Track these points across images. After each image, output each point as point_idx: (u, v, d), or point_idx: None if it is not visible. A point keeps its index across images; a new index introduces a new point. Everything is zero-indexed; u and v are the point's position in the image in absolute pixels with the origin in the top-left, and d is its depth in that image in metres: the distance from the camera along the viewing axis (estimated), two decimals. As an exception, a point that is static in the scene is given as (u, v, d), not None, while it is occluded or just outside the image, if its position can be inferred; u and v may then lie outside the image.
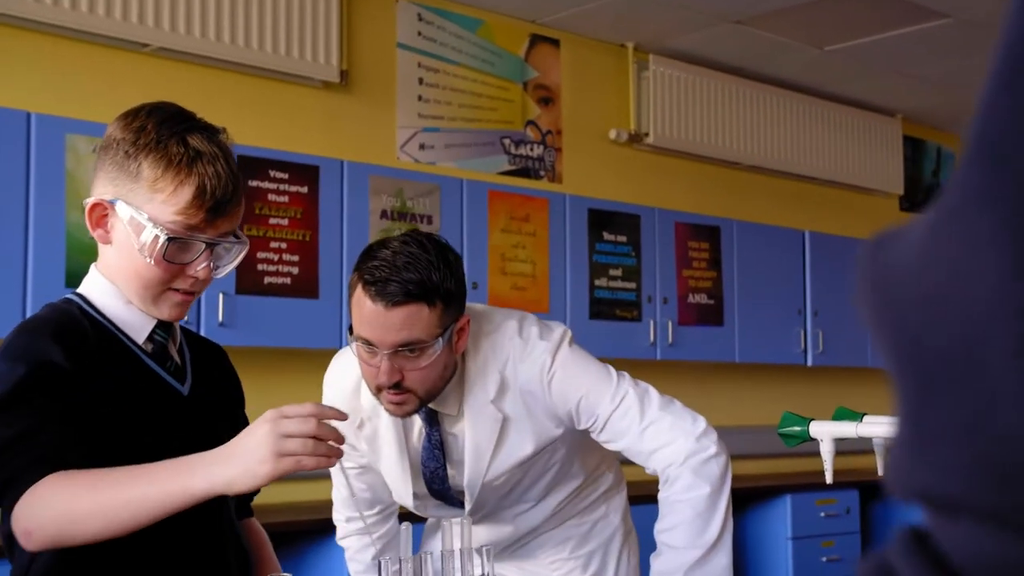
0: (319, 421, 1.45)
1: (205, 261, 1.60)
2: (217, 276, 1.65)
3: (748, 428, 5.85)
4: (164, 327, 1.66)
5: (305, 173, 4.30)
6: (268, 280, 4.16)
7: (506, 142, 5.33)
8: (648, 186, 5.82)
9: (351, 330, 1.93)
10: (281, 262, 4.20)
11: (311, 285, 4.26)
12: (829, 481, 2.08)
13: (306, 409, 1.46)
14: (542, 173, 5.45)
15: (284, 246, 4.22)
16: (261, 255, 4.14)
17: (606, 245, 5.22)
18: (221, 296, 4.00)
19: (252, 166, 4.10)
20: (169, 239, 1.55)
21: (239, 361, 1.95)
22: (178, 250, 1.57)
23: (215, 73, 4.45)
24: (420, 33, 5.07)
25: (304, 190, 4.29)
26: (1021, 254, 0.36)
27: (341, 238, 4.36)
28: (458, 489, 2.15)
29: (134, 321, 1.63)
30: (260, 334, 4.12)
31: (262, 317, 4.12)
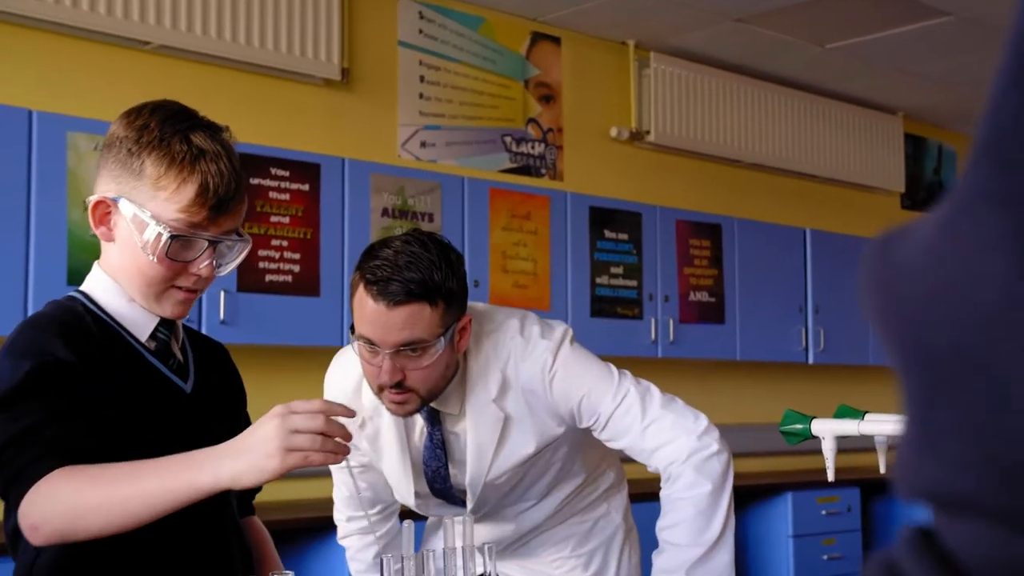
0: (327, 417, 1.45)
1: (208, 259, 1.60)
2: (220, 274, 1.65)
3: (749, 426, 5.84)
4: (167, 325, 1.66)
5: (306, 171, 4.30)
6: (269, 278, 4.16)
7: (507, 140, 5.33)
8: (649, 184, 5.82)
9: (353, 329, 1.93)
10: (282, 260, 4.20)
11: (312, 283, 4.26)
12: (831, 479, 2.08)
13: (315, 405, 1.46)
14: (543, 171, 5.45)
15: (285, 244, 4.22)
16: (262, 253, 4.14)
17: (607, 243, 5.21)
18: (222, 294, 4.00)
19: (253, 164, 4.09)
20: (172, 237, 1.55)
21: (240, 359, 1.95)
22: (181, 248, 1.58)
23: (216, 71, 4.45)
24: (421, 31, 5.07)
25: (305, 188, 4.28)
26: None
27: (342, 236, 4.35)
28: (460, 488, 2.15)
29: (137, 319, 1.63)
30: (261, 332, 4.12)
31: (263, 315, 4.12)
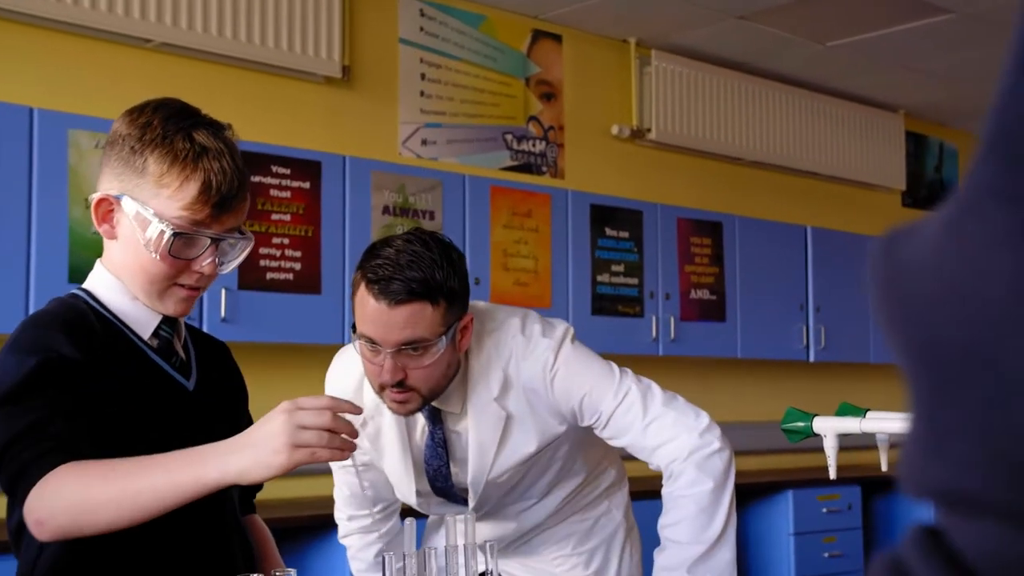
0: (334, 414, 1.46)
1: (210, 257, 1.60)
2: (222, 272, 1.65)
3: (750, 424, 5.85)
4: (169, 323, 1.66)
5: (307, 168, 4.30)
6: (270, 276, 4.16)
7: (508, 138, 5.32)
8: (650, 182, 5.81)
9: (354, 328, 1.93)
10: (283, 258, 4.20)
11: (313, 281, 4.26)
12: (833, 477, 2.08)
13: (322, 402, 1.46)
14: (544, 169, 5.45)
15: (286, 242, 4.22)
16: (263, 251, 4.14)
17: (608, 241, 5.21)
18: (224, 292, 4.00)
19: (254, 161, 4.09)
20: (175, 234, 1.56)
21: (241, 357, 1.95)
22: (183, 245, 1.58)
23: (217, 69, 4.44)
24: (422, 28, 5.07)
25: (306, 186, 4.28)
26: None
27: (343, 234, 4.35)
28: (461, 487, 2.15)
29: (139, 317, 1.64)
30: (262, 330, 4.12)
31: (264, 313, 4.12)
